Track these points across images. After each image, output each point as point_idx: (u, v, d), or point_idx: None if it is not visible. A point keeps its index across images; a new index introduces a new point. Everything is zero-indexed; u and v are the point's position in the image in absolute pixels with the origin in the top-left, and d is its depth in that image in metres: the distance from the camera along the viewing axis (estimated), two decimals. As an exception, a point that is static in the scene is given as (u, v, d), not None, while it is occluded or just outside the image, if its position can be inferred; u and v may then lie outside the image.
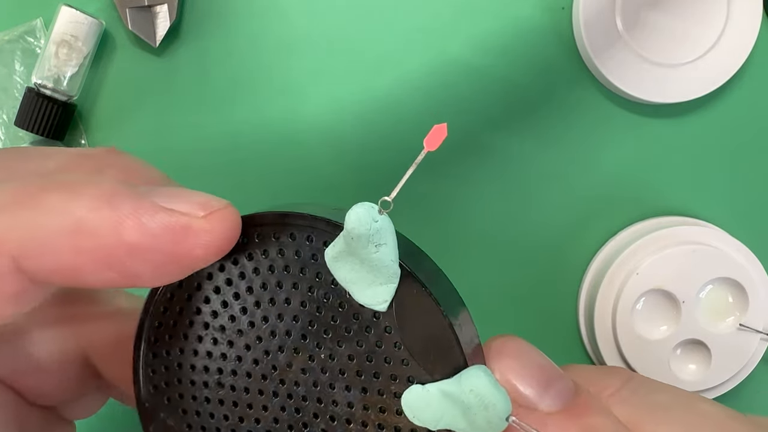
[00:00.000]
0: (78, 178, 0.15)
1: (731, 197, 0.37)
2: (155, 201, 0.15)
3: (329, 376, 0.17)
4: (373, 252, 0.16)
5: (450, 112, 0.35)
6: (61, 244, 0.14)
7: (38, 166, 0.17)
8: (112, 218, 0.14)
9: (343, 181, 0.36)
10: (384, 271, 0.16)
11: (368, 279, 0.16)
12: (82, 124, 0.35)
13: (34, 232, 0.14)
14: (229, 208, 0.16)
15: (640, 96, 0.34)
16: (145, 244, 0.15)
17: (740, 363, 0.35)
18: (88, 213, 0.14)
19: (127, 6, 0.33)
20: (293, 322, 0.17)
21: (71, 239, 0.14)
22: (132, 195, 0.15)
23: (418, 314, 0.16)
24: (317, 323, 0.17)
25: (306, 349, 0.17)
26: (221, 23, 0.35)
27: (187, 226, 0.15)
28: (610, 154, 0.36)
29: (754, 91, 0.36)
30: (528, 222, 0.37)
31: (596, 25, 0.34)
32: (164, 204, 0.15)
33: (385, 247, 0.16)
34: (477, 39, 0.35)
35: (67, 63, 0.33)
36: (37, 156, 0.17)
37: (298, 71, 0.35)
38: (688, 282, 0.34)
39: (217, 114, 0.35)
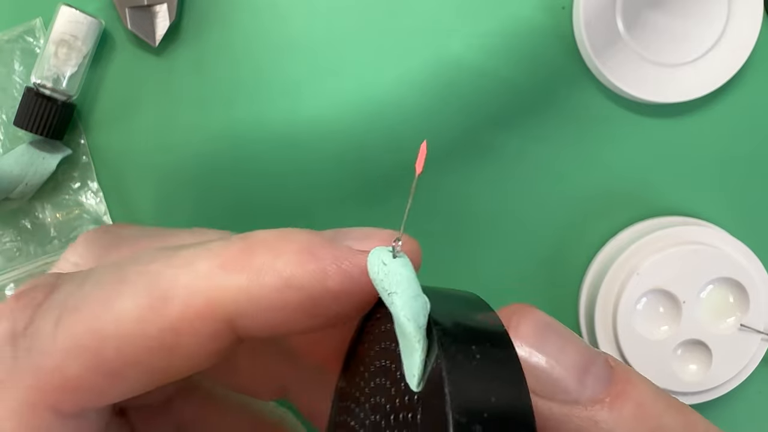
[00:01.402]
0: (271, 234, 0.16)
1: (731, 197, 0.37)
2: (349, 245, 0.16)
3: None
4: (390, 305, 0.14)
5: (450, 111, 0.35)
6: (272, 302, 0.15)
7: (163, 242, 0.17)
8: (317, 270, 0.15)
9: (343, 182, 0.36)
10: (405, 333, 0.13)
11: (402, 346, 0.13)
12: (81, 124, 0.35)
13: (247, 294, 0.15)
14: (412, 239, 0.17)
15: (640, 96, 0.34)
16: (348, 287, 0.15)
17: (741, 363, 0.34)
18: (295, 270, 0.15)
19: (127, 5, 0.33)
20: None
21: (281, 295, 0.15)
22: (327, 244, 0.16)
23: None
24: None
25: None
26: (221, 23, 0.35)
27: None
28: (610, 153, 0.36)
29: (755, 91, 0.36)
30: (528, 222, 0.37)
31: (596, 25, 0.34)
32: (358, 246, 0.16)
33: (396, 297, 0.14)
34: (477, 39, 0.35)
35: (67, 63, 0.33)
36: (156, 234, 0.18)
37: (298, 71, 0.35)
38: (689, 282, 0.34)
39: (217, 114, 0.35)
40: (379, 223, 0.36)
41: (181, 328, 0.15)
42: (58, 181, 0.35)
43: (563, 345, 0.15)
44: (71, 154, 0.34)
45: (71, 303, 0.15)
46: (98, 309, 0.15)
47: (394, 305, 0.14)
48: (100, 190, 0.35)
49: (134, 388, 0.16)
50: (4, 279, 0.34)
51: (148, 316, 0.15)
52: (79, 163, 0.35)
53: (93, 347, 0.15)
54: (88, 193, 0.35)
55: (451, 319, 0.14)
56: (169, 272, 0.15)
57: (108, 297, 0.15)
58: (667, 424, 0.14)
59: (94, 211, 0.35)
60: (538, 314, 0.15)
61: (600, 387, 0.14)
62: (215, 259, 0.15)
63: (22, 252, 0.35)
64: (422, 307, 0.13)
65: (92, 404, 0.16)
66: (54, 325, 0.15)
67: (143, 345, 0.15)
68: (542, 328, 0.15)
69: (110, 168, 0.35)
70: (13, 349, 0.15)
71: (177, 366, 0.16)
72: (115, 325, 0.15)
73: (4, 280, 0.34)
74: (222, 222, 0.36)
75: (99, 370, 0.15)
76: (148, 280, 0.15)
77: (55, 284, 0.16)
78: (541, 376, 0.15)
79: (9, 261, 0.34)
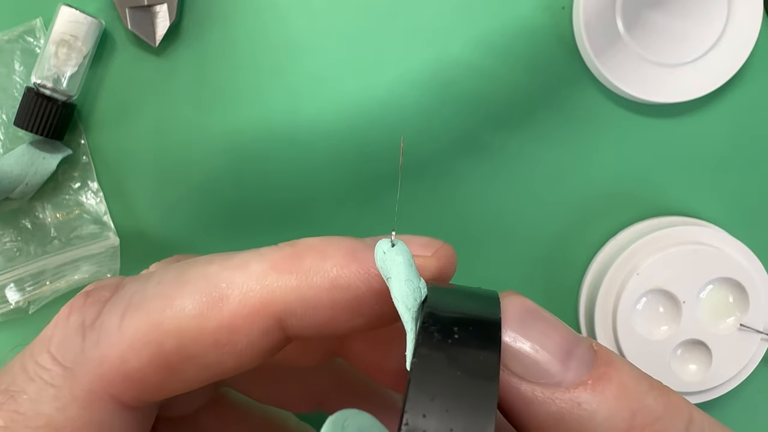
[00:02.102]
0: (318, 240, 0.18)
1: (731, 197, 0.37)
2: None
3: None
4: (390, 290, 0.15)
5: (450, 111, 0.35)
6: (320, 301, 0.16)
7: (223, 258, 0.18)
8: (361, 271, 0.16)
9: (343, 181, 0.36)
10: (400, 314, 0.15)
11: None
12: (81, 124, 0.35)
13: (297, 293, 0.16)
14: (447, 245, 0.18)
15: (640, 96, 0.34)
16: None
17: (741, 363, 0.34)
18: (341, 270, 0.16)
19: (127, 6, 0.33)
20: None
21: (329, 294, 0.16)
22: (369, 248, 0.17)
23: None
24: None
25: None
26: (221, 23, 0.35)
27: (422, 266, 0.17)
28: (610, 153, 0.36)
29: (755, 91, 0.36)
30: (528, 222, 0.37)
31: (596, 25, 0.34)
32: None
33: (391, 281, 0.15)
34: (477, 39, 0.35)
35: (67, 63, 0.33)
36: (218, 257, 0.19)
37: (298, 71, 0.35)
38: (689, 282, 0.34)
39: (217, 114, 0.35)
40: (379, 223, 0.37)
41: (236, 325, 0.16)
42: (58, 181, 0.35)
43: (547, 329, 0.15)
44: (71, 154, 0.34)
45: (135, 300, 0.17)
46: (160, 305, 0.16)
47: (390, 289, 0.15)
48: (100, 190, 0.35)
49: (188, 384, 0.17)
50: (4, 279, 0.34)
51: (206, 312, 0.16)
52: (79, 163, 0.35)
53: (154, 341, 0.16)
54: (88, 193, 0.35)
55: (445, 305, 0.15)
56: (226, 273, 0.17)
57: (169, 295, 0.16)
58: (649, 405, 0.15)
59: (94, 211, 0.35)
60: (523, 300, 0.16)
61: (583, 370, 0.15)
62: (267, 261, 0.17)
63: (22, 252, 0.35)
64: (413, 290, 0.15)
65: (149, 397, 0.17)
66: (119, 320, 0.17)
67: (200, 340, 0.16)
68: (526, 313, 0.15)
69: (110, 168, 0.35)
70: (82, 341, 0.17)
71: (229, 363, 0.17)
72: (175, 321, 0.16)
73: (4, 280, 0.34)
74: (222, 222, 0.36)
75: (158, 363, 0.16)
76: (207, 280, 0.17)
77: (121, 283, 0.18)
78: (525, 360, 0.15)
79: (9, 261, 0.34)
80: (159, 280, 0.17)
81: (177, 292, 0.16)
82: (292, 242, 0.18)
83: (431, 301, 0.15)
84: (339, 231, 0.36)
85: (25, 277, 0.34)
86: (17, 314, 0.35)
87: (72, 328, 0.17)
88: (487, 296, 0.15)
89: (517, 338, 0.15)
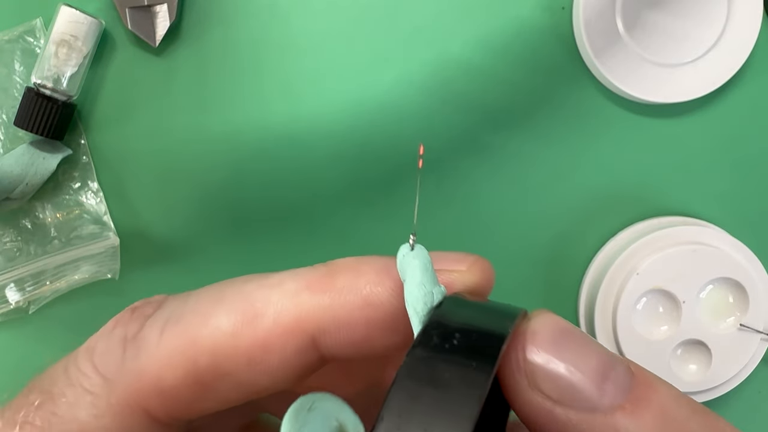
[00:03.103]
0: (352, 259, 0.17)
1: (731, 197, 0.37)
2: None
3: None
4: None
5: (450, 111, 0.35)
6: (353, 318, 0.16)
7: (261, 277, 0.18)
8: (394, 287, 0.16)
9: (343, 181, 0.36)
10: (410, 317, 0.15)
11: None
12: (81, 124, 0.35)
13: (330, 311, 0.16)
14: (481, 258, 0.18)
15: (640, 96, 0.34)
16: None
17: (741, 363, 0.34)
18: (374, 288, 0.16)
19: (127, 6, 0.33)
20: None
21: (362, 312, 0.16)
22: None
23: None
24: None
25: None
26: (221, 23, 0.35)
27: (458, 280, 0.17)
28: (610, 153, 0.36)
29: (754, 91, 0.36)
30: (528, 222, 0.37)
31: (596, 25, 0.34)
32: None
33: (405, 284, 0.15)
34: (477, 39, 0.35)
35: (67, 63, 0.33)
36: (255, 277, 0.19)
37: (298, 71, 0.35)
38: (689, 282, 0.34)
39: (217, 114, 0.35)
40: (379, 222, 0.37)
41: (270, 343, 0.16)
42: (58, 181, 0.35)
43: (581, 350, 0.14)
44: (71, 154, 0.34)
45: (174, 316, 0.17)
46: (196, 322, 0.17)
47: (405, 292, 0.15)
48: (100, 190, 0.35)
49: (221, 402, 0.17)
50: (4, 279, 0.34)
51: (240, 330, 0.16)
52: (80, 163, 0.35)
53: (190, 357, 0.16)
54: (88, 193, 0.35)
55: (455, 314, 0.14)
56: (262, 291, 0.17)
57: (206, 312, 0.17)
58: (692, 431, 0.14)
59: (94, 211, 0.35)
60: (556, 319, 0.15)
61: (620, 393, 0.14)
62: (302, 281, 0.17)
63: (22, 252, 0.35)
64: (424, 295, 0.15)
65: (182, 414, 0.17)
66: (159, 335, 0.17)
67: (234, 358, 0.16)
68: (559, 332, 0.15)
69: (110, 168, 0.35)
70: (123, 353, 0.17)
71: (262, 381, 0.17)
72: (210, 338, 0.16)
73: (4, 280, 0.34)
74: (222, 222, 0.36)
75: (192, 379, 0.16)
76: (243, 298, 0.17)
77: (164, 301, 0.18)
78: (559, 383, 0.14)
79: (9, 261, 0.34)
80: (197, 298, 0.17)
81: (213, 310, 0.17)
82: (328, 262, 0.18)
83: (444, 307, 0.15)
84: (339, 231, 0.36)
85: (25, 277, 0.34)
86: (17, 314, 0.35)
87: (114, 340, 0.17)
88: (507, 311, 0.15)
89: (550, 359, 0.14)
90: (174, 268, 0.36)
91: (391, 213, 0.36)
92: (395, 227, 0.36)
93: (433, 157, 0.36)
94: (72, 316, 0.36)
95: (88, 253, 0.34)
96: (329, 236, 0.36)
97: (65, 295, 0.35)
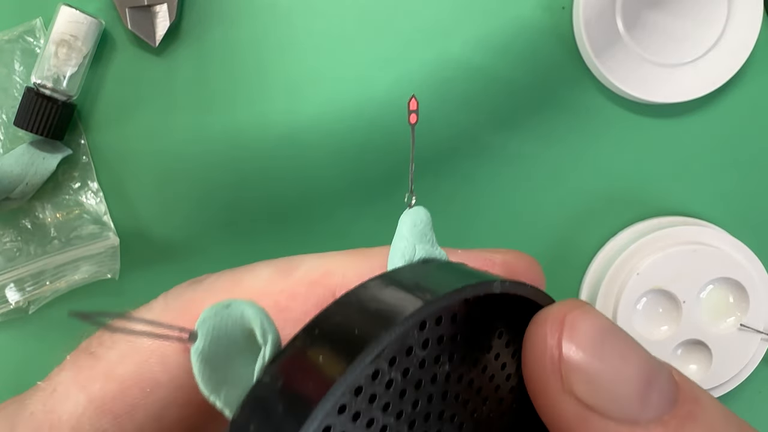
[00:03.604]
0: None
1: (731, 197, 0.37)
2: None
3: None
4: None
5: (450, 111, 0.35)
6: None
7: (233, 275, 0.20)
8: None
9: (343, 181, 0.36)
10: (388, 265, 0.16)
11: None
12: (81, 124, 0.35)
13: (356, 268, 0.18)
14: (533, 259, 0.18)
15: (640, 96, 0.34)
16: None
17: (741, 363, 0.34)
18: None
19: (127, 5, 0.33)
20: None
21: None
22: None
23: None
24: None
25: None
26: (221, 23, 0.35)
27: (497, 258, 0.18)
28: (610, 153, 0.36)
29: (754, 91, 0.36)
30: (528, 222, 0.37)
31: (596, 25, 0.34)
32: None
33: (393, 239, 0.16)
34: (477, 39, 0.35)
35: (67, 63, 0.33)
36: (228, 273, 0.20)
37: (298, 71, 0.35)
38: (689, 282, 0.34)
39: (217, 114, 0.35)
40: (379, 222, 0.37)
41: (297, 292, 0.18)
42: (58, 181, 0.35)
43: (625, 353, 0.13)
44: (71, 154, 0.34)
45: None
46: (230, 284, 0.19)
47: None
48: (100, 190, 0.35)
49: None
50: (4, 279, 0.34)
51: (276, 278, 0.18)
52: (79, 163, 0.35)
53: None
54: (88, 193, 0.35)
55: (412, 273, 0.14)
56: (296, 259, 0.19)
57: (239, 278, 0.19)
58: None
59: (94, 211, 0.35)
60: (597, 315, 0.13)
61: (664, 405, 0.12)
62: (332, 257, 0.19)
63: (22, 252, 0.35)
64: (403, 247, 0.15)
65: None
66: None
67: (270, 301, 0.18)
68: (602, 331, 0.13)
69: (110, 168, 0.35)
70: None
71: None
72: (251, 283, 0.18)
73: (4, 280, 0.34)
74: (222, 221, 0.36)
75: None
76: (276, 263, 0.19)
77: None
78: (599, 388, 0.12)
79: (9, 261, 0.34)
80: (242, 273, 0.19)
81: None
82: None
83: (413, 265, 0.14)
84: (338, 230, 0.36)
85: (25, 277, 0.34)
86: (17, 314, 0.35)
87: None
88: (477, 278, 0.13)
89: (591, 360, 0.12)
90: (174, 268, 0.36)
91: (391, 213, 0.36)
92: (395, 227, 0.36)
93: (433, 156, 0.36)
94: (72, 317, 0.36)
95: (88, 253, 0.34)
96: (329, 236, 0.36)
97: (65, 295, 0.35)
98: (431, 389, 0.13)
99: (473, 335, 0.13)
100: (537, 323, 0.13)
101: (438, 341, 0.13)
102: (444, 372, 0.13)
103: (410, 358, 0.12)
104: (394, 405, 0.12)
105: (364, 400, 0.11)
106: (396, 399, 0.12)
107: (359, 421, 0.12)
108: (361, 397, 0.11)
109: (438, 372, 0.13)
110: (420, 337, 0.12)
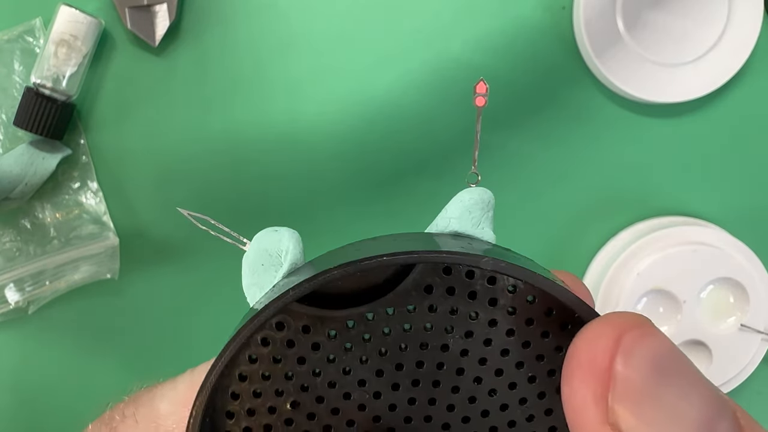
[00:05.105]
0: None
1: (731, 197, 0.37)
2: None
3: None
4: None
5: (450, 111, 0.35)
6: None
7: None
8: None
9: (343, 180, 0.36)
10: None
11: None
12: (81, 124, 0.35)
13: None
14: (576, 278, 0.17)
15: (640, 96, 0.34)
16: None
17: (741, 363, 0.34)
18: None
19: (127, 5, 0.33)
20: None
21: None
22: None
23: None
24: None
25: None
26: (221, 23, 0.35)
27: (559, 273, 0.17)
28: (610, 153, 0.36)
29: (755, 91, 0.36)
30: (528, 221, 0.37)
31: (597, 25, 0.34)
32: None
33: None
34: (477, 39, 0.35)
35: (67, 62, 0.33)
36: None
37: (298, 71, 0.35)
38: (689, 282, 0.34)
39: (217, 113, 0.35)
40: (379, 221, 0.36)
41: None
42: (58, 181, 0.35)
43: (686, 389, 0.11)
44: (71, 154, 0.34)
45: None
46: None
47: None
48: (100, 190, 0.35)
49: None
50: (4, 279, 0.34)
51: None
52: (79, 163, 0.35)
53: None
54: (88, 193, 0.35)
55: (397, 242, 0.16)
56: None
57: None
58: None
59: (94, 211, 0.35)
60: (660, 339, 0.11)
61: None
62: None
63: (22, 252, 0.35)
64: (440, 219, 0.16)
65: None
66: None
67: None
68: (663, 360, 0.11)
69: (110, 168, 0.35)
70: None
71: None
72: None
73: (4, 280, 0.34)
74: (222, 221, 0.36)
75: None
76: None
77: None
78: (652, 428, 0.10)
79: (9, 261, 0.34)
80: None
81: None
82: None
83: (415, 234, 0.16)
84: (338, 230, 0.36)
85: (25, 277, 0.34)
86: (17, 314, 0.35)
87: None
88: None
89: (644, 396, 0.10)
90: (174, 268, 0.36)
91: (391, 213, 0.36)
92: (395, 227, 0.36)
93: (433, 156, 0.36)
94: (72, 316, 0.36)
95: (87, 253, 0.34)
96: (329, 236, 0.36)
97: (65, 295, 0.35)
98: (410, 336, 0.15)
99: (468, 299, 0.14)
100: (587, 338, 0.11)
101: (426, 290, 0.14)
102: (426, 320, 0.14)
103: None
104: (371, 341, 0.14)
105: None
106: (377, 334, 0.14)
107: (336, 341, 0.14)
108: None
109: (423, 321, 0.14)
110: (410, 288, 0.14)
